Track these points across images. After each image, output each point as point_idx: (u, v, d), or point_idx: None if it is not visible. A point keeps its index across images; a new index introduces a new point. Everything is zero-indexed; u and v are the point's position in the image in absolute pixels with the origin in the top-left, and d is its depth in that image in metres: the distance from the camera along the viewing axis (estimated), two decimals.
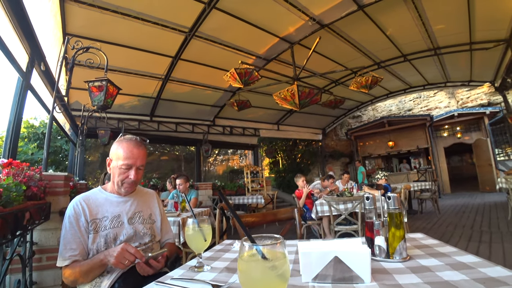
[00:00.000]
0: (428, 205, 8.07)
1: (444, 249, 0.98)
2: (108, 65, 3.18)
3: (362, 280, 0.73)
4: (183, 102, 7.35)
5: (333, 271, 0.75)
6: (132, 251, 1.17)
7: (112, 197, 1.43)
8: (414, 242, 1.12)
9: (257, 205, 7.40)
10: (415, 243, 1.10)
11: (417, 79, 8.70)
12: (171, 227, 1.72)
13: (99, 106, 3.21)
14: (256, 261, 0.52)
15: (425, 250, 0.98)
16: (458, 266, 0.79)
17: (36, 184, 2.16)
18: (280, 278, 0.52)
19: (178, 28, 4.66)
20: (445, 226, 5.33)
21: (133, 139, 1.41)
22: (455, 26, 5.56)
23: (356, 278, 0.74)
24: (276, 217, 1.75)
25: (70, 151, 6.46)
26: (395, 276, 0.76)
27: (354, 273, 0.74)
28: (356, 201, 3.52)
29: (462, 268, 0.76)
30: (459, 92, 12.97)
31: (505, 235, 4.18)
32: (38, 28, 3.22)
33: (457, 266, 0.78)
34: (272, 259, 0.52)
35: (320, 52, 5.99)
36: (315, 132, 11.99)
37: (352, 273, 0.74)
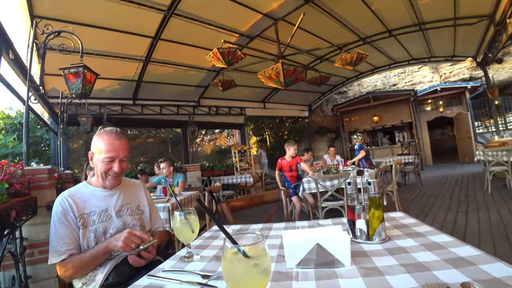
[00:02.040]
0: (411, 177, 8.41)
1: (421, 228, 1.04)
2: (83, 50, 3.02)
3: (343, 264, 0.78)
4: (166, 84, 7.15)
5: (315, 256, 0.79)
6: (138, 234, 1.23)
7: (97, 191, 1.42)
8: (393, 221, 1.17)
9: (246, 184, 7.51)
10: (395, 222, 1.16)
11: (401, 55, 8.74)
12: (160, 214, 1.73)
13: (77, 94, 3.09)
14: (238, 260, 0.54)
15: (403, 230, 1.04)
16: (432, 246, 0.84)
17: (19, 180, 2.11)
18: (263, 273, 0.54)
19: (156, 7, 4.43)
20: (426, 197, 5.60)
21: (113, 131, 1.38)
22: (440, 1, 5.53)
23: (337, 262, 0.78)
24: (263, 200, 1.79)
25: (52, 140, 6.26)
26: (373, 259, 0.81)
27: (335, 258, 0.78)
28: (342, 178, 3.62)
29: (435, 249, 0.82)
30: (442, 67, 13.14)
31: (481, 205, 4.44)
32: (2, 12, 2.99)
33: (431, 247, 0.84)
34: (254, 257, 0.54)
35: (305, 28, 5.88)
36: (301, 109, 12.02)
37: (333, 258, 0.78)
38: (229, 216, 1.61)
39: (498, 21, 5.42)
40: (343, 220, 1.29)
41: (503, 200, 4.52)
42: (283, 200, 1.73)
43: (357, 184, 1.07)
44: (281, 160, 4.70)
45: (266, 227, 1.36)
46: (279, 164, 4.70)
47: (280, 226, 1.35)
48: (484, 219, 3.64)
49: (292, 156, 4.57)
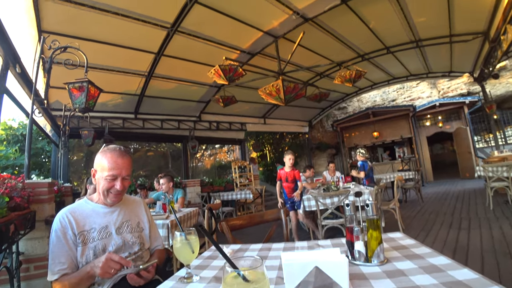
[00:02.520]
0: (412, 193, 8.36)
1: (420, 250, 1.04)
2: (88, 64, 3.09)
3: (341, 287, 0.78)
4: (168, 99, 7.24)
5: (314, 279, 0.79)
6: (116, 259, 1.19)
7: (98, 208, 1.43)
8: (392, 242, 1.18)
9: (246, 200, 7.47)
10: (394, 243, 1.16)
11: (400, 71, 8.88)
12: (159, 232, 1.73)
13: (80, 109, 3.13)
14: (238, 284, 0.55)
15: (402, 252, 1.04)
16: (430, 269, 0.84)
17: (19, 194, 2.11)
18: None
19: (160, 24, 4.55)
20: (428, 214, 5.56)
21: (117, 149, 1.41)
22: (436, 19, 5.68)
23: (335, 285, 0.78)
24: (263, 219, 1.79)
25: (53, 152, 6.28)
26: (371, 282, 0.81)
27: (333, 281, 0.78)
28: (342, 195, 3.61)
29: (434, 271, 0.82)
30: (440, 82, 13.33)
31: (483, 221, 4.40)
32: (11, 27, 3.08)
33: (429, 269, 0.84)
34: (254, 281, 0.55)
35: (304, 45, 6.00)
36: (301, 125, 12.09)
37: (332, 281, 0.78)
38: (229, 235, 1.60)
39: (492, 38, 5.54)
40: (342, 241, 1.29)
41: (505, 217, 4.49)
42: (283, 219, 1.73)
43: (355, 203, 1.08)
44: (280, 170, 4.66)
45: (265, 247, 1.36)
46: (278, 174, 4.66)
47: (280, 247, 1.34)
48: (486, 236, 3.60)
49: (289, 166, 4.49)
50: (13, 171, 7.12)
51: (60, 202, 4.19)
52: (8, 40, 2.98)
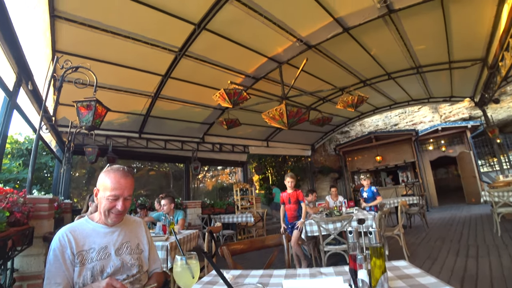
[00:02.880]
0: (417, 219, 8.17)
1: (425, 280, 1.01)
2: (97, 84, 3.18)
3: None
4: (172, 120, 7.35)
5: None
6: (118, 286, 1.17)
7: (99, 227, 1.42)
8: (397, 271, 1.15)
9: (247, 224, 7.33)
10: (398, 272, 1.13)
11: (401, 96, 9.00)
12: (158, 253, 1.70)
13: (87, 127, 3.18)
14: None
15: (406, 281, 1.01)
16: None
17: (20, 209, 2.11)
18: None
19: (169, 48, 4.73)
20: (433, 240, 5.40)
21: (121, 169, 1.42)
22: (435, 47, 5.84)
23: None
24: (264, 244, 1.76)
25: (56, 168, 6.31)
26: None
27: None
28: (345, 221, 3.55)
29: None
30: (442, 107, 13.45)
31: (491, 249, 4.26)
32: (27, 46, 3.21)
33: None
34: None
35: (308, 71, 6.16)
36: (304, 148, 12.11)
37: None
38: (229, 260, 1.57)
39: (491, 64, 5.65)
40: (345, 268, 1.26)
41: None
42: (285, 245, 1.70)
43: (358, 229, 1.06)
44: (282, 193, 4.52)
45: (266, 273, 1.33)
46: (281, 197, 4.53)
47: (281, 273, 1.31)
48: (495, 264, 3.48)
49: (291, 187, 4.34)
50: (14, 184, 7.10)
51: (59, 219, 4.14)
52: (24, 59, 3.11)
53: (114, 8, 3.76)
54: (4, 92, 2.91)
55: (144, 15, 3.93)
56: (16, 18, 2.70)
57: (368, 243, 1.00)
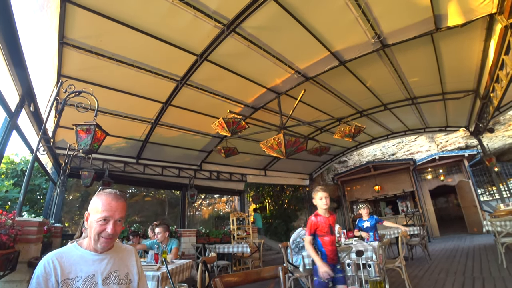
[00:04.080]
0: (418, 250, 7.93)
1: None
2: (98, 109, 3.22)
3: None
4: (170, 146, 7.37)
5: None
6: None
7: (87, 254, 1.36)
8: None
9: (243, 254, 7.07)
10: None
11: (398, 126, 9.16)
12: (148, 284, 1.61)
13: (84, 150, 3.17)
14: None
15: None
16: None
17: (7, 232, 2.02)
18: None
19: (171, 77, 4.87)
20: (437, 273, 5.21)
21: (113, 192, 1.40)
22: (428, 79, 6.05)
23: None
24: (260, 276, 1.68)
25: (49, 190, 6.18)
26: None
27: None
28: (343, 252, 3.43)
29: None
30: (438, 136, 13.64)
31: (497, 281, 4.10)
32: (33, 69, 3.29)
33: None
34: None
35: (305, 101, 6.31)
36: (302, 178, 12.05)
37: None
38: None
39: (482, 95, 5.81)
40: None
41: None
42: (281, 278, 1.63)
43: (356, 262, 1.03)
44: (314, 217, 2.81)
45: None
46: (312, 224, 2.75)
47: None
48: None
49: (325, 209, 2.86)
50: (4, 205, 6.89)
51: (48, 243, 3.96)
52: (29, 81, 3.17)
53: (120, 38, 3.92)
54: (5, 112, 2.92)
55: (149, 45, 4.09)
56: (26, 42, 2.80)
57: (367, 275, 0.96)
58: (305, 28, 4.10)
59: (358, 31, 4.23)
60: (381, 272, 0.91)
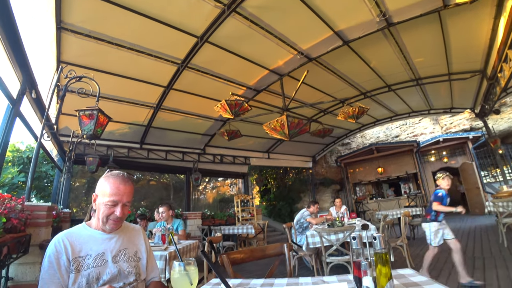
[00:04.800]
0: (420, 230, 8.02)
1: (433, 287, 0.98)
2: (100, 94, 3.21)
3: None
4: (173, 131, 7.37)
5: None
6: None
7: (96, 234, 1.39)
8: (402, 279, 1.11)
9: (248, 235, 7.23)
10: (404, 280, 1.10)
11: (402, 107, 9.04)
12: (157, 263, 1.66)
13: (88, 136, 3.19)
14: None
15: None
16: None
17: (17, 216, 2.08)
18: None
19: (171, 60, 4.80)
20: (438, 252, 5.27)
21: (120, 175, 1.41)
22: (433, 59, 5.91)
23: None
24: (265, 253, 1.72)
25: (56, 177, 6.29)
26: None
27: None
28: (347, 231, 3.49)
29: None
30: (443, 118, 13.48)
31: (498, 260, 4.17)
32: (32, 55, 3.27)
33: None
34: None
35: (308, 83, 6.22)
36: (305, 160, 12.08)
37: None
38: (229, 269, 1.53)
39: (490, 76, 5.70)
40: (349, 277, 1.22)
41: None
42: (286, 255, 1.66)
43: (362, 238, 1.04)
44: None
45: (267, 282, 1.30)
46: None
47: (283, 282, 1.28)
48: (503, 277, 3.39)
49: None
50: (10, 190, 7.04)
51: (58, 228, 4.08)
52: (29, 68, 3.15)
53: (119, 21, 3.84)
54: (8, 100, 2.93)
55: (148, 27, 4.01)
56: (24, 28, 2.76)
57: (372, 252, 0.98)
58: (308, 6, 3.98)
59: (363, 9, 4.10)
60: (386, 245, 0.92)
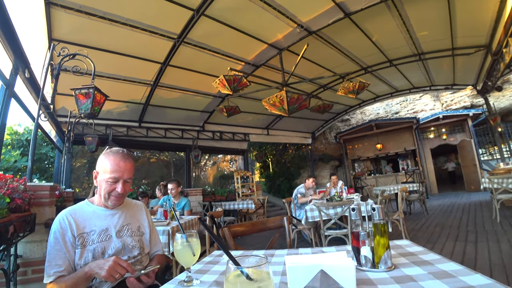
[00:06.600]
0: (417, 206, 8.22)
1: (428, 256, 1.01)
2: (95, 72, 3.14)
3: None
4: (172, 108, 7.30)
5: (319, 284, 0.76)
6: (124, 265, 1.18)
7: (99, 210, 1.41)
8: (399, 249, 1.14)
9: (248, 210, 7.39)
10: (401, 250, 1.13)
11: (403, 83, 8.92)
12: (159, 237, 1.70)
13: (86, 114, 3.15)
14: (241, 283, 0.53)
15: (409, 258, 1.01)
16: (440, 274, 0.81)
17: (21, 196, 2.12)
18: None
19: (167, 35, 4.65)
20: (433, 226, 5.45)
21: (120, 152, 1.40)
22: (438, 33, 5.75)
23: None
24: (265, 226, 1.76)
25: (56, 158, 6.32)
26: (379, 287, 0.78)
27: (339, 286, 0.75)
28: (345, 206, 3.56)
29: (444, 277, 0.79)
30: (443, 95, 13.35)
31: (490, 234, 4.30)
32: (22, 34, 3.16)
33: (439, 275, 0.81)
34: (257, 280, 0.53)
35: (308, 58, 6.07)
36: (304, 136, 12.10)
37: (338, 285, 0.75)
38: (231, 241, 1.58)
39: (494, 51, 5.58)
40: (347, 248, 1.26)
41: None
42: (286, 227, 1.70)
43: (361, 211, 1.06)
44: None
45: (268, 253, 1.33)
46: None
47: (283, 253, 1.31)
48: (494, 250, 3.51)
49: None
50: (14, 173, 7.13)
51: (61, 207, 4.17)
52: (19, 46, 3.05)
53: None
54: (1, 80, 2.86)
55: (142, 0, 3.84)
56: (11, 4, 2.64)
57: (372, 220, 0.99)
58: None
59: None
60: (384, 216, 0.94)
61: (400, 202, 4.16)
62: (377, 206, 0.95)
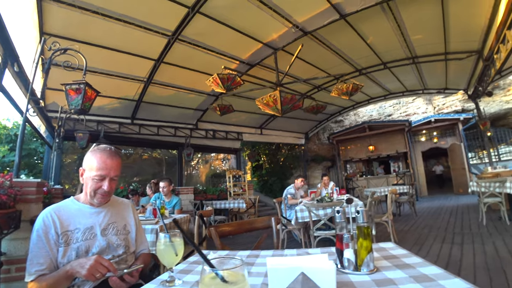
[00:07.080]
0: (406, 208, 8.33)
1: (411, 260, 1.02)
2: (87, 67, 3.09)
3: None
4: (165, 106, 7.24)
5: (300, 286, 0.76)
6: (105, 264, 1.16)
7: (85, 208, 1.39)
8: (383, 252, 1.15)
9: (239, 210, 7.38)
10: (384, 253, 1.13)
11: (396, 86, 9.00)
12: (146, 236, 1.68)
13: (76, 110, 3.11)
14: (216, 285, 0.52)
15: (392, 261, 1.02)
16: (421, 278, 0.82)
17: (6, 192, 2.08)
18: None
19: (161, 32, 4.60)
20: (421, 228, 5.52)
21: (107, 149, 1.38)
22: (431, 37, 5.81)
23: None
24: (253, 226, 1.76)
25: (46, 154, 6.22)
26: None
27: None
28: (335, 206, 3.58)
29: (424, 281, 0.80)
30: (436, 99, 13.53)
31: (476, 236, 4.38)
32: (12, 27, 3.09)
33: (420, 279, 0.82)
34: (233, 282, 0.52)
35: (303, 58, 6.08)
36: (298, 137, 12.13)
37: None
38: (217, 241, 1.57)
39: (486, 57, 5.66)
40: (332, 249, 1.26)
41: (498, 233, 4.47)
42: (274, 228, 1.70)
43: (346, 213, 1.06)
44: None
45: (253, 254, 1.33)
46: None
47: (268, 254, 1.31)
48: (479, 252, 3.57)
49: None
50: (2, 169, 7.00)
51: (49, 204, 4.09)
52: (8, 39, 3.00)
53: None
54: None
55: None
56: None
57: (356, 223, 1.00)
58: None
59: None
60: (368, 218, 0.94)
61: (389, 204, 4.20)
62: (361, 209, 0.96)
